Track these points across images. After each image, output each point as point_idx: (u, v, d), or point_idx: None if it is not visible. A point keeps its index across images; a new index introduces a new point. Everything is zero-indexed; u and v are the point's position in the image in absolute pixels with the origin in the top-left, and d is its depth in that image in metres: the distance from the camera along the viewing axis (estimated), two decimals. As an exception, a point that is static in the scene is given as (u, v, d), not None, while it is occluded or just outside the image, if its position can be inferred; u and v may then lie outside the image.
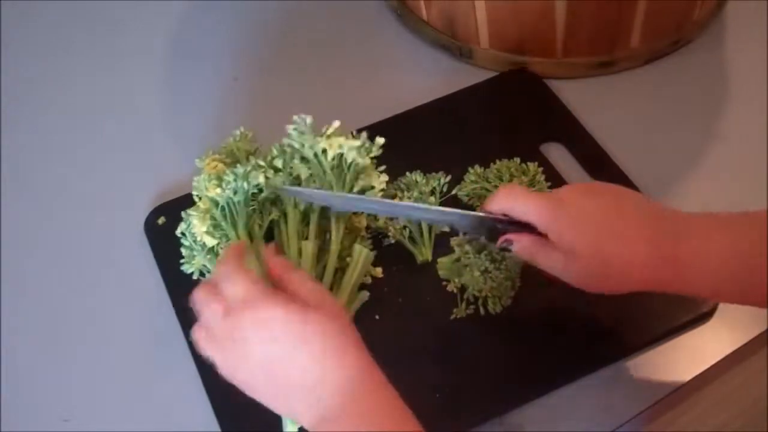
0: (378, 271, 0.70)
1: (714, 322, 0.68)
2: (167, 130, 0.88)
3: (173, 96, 0.91)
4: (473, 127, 0.82)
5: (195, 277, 0.70)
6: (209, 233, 0.67)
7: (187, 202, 0.77)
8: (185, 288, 0.71)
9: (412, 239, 0.72)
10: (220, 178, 0.67)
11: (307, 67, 0.92)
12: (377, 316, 0.68)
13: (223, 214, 0.66)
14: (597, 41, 0.84)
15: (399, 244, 0.72)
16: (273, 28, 0.97)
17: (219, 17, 0.98)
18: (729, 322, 0.68)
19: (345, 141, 0.67)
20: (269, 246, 0.64)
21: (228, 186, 0.66)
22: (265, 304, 0.52)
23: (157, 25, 0.98)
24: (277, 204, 0.68)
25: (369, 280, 0.70)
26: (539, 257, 0.59)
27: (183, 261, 0.70)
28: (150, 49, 0.96)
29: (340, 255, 0.67)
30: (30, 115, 0.90)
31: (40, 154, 0.87)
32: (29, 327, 0.73)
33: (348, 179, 0.67)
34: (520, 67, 0.87)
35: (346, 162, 0.67)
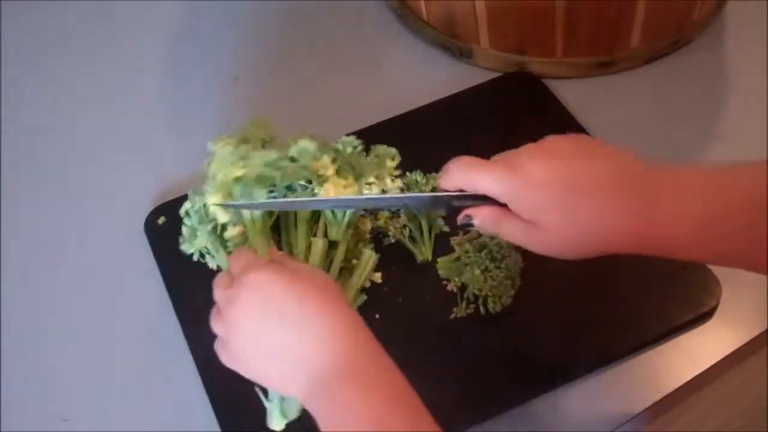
0: (377, 276, 0.71)
1: (714, 322, 0.68)
2: (167, 130, 0.88)
3: (173, 96, 0.91)
4: (473, 127, 0.82)
5: (195, 258, 0.68)
6: (222, 208, 0.65)
7: (187, 202, 0.78)
8: (185, 288, 0.72)
9: (412, 239, 0.72)
10: (245, 157, 0.65)
11: (307, 68, 0.92)
12: (377, 315, 0.68)
13: (244, 191, 0.65)
14: (597, 41, 0.84)
15: (399, 243, 0.72)
16: (273, 28, 0.97)
17: (219, 17, 0.98)
18: (729, 322, 0.68)
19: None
20: (272, 248, 0.64)
21: (254, 165, 0.65)
22: (261, 269, 0.55)
23: (157, 25, 0.98)
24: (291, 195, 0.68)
25: (368, 283, 0.70)
26: (502, 229, 0.55)
27: (183, 241, 0.69)
28: (150, 49, 0.96)
29: (345, 256, 0.67)
30: (30, 115, 0.91)
31: (40, 154, 0.87)
32: (29, 327, 0.73)
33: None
34: (520, 67, 0.87)
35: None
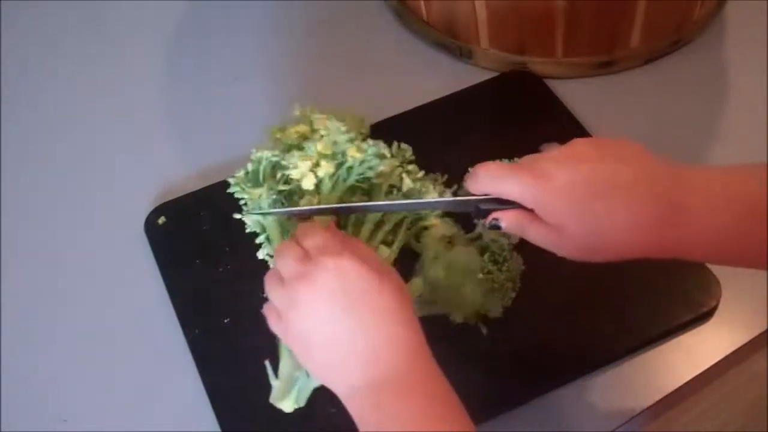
0: None
1: (714, 322, 0.68)
2: (167, 130, 0.88)
3: (173, 96, 0.91)
4: (473, 127, 0.82)
5: (246, 210, 0.66)
6: (312, 172, 0.64)
7: (187, 202, 0.78)
8: (185, 288, 0.72)
9: (417, 239, 0.71)
10: (357, 142, 0.65)
11: (307, 67, 0.92)
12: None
13: (338, 168, 0.64)
14: (597, 41, 0.84)
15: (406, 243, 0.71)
16: (273, 28, 0.97)
17: (219, 17, 0.98)
18: (729, 322, 0.68)
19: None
20: (330, 222, 0.61)
21: (359, 156, 0.64)
22: (347, 254, 0.53)
23: (158, 25, 0.98)
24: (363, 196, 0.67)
25: None
26: (527, 232, 0.56)
27: (236, 185, 0.67)
28: (150, 49, 0.96)
29: None
30: (30, 115, 0.90)
31: (40, 154, 0.87)
32: (29, 327, 0.73)
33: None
34: (520, 67, 0.87)
35: None
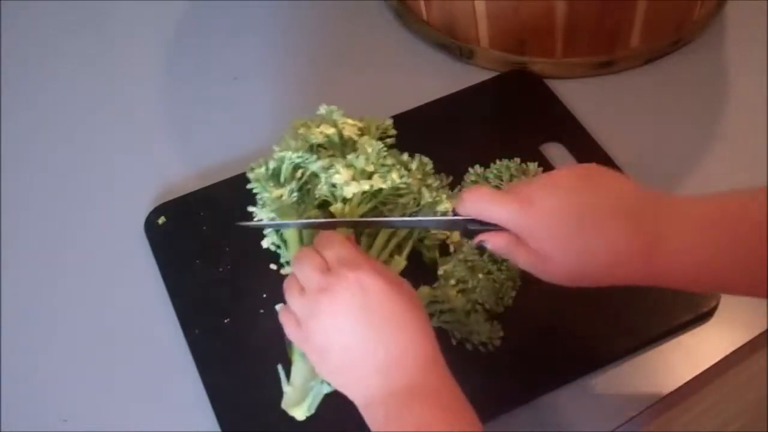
0: None
1: (714, 322, 0.68)
2: (167, 129, 0.88)
3: (173, 96, 0.91)
4: (473, 127, 0.82)
5: (256, 188, 0.69)
6: (354, 180, 0.66)
7: (187, 202, 0.78)
8: (185, 288, 0.72)
9: (419, 237, 0.71)
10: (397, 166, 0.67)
11: (307, 67, 0.92)
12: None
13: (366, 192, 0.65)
14: (597, 41, 0.84)
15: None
16: (273, 28, 0.97)
17: (219, 17, 0.98)
18: (729, 322, 0.68)
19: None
20: (349, 234, 0.62)
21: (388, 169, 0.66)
22: (367, 269, 0.53)
23: (158, 25, 0.98)
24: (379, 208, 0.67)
25: None
26: (515, 256, 0.58)
27: (255, 181, 0.69)
28: (150, 49, 0.96)
29: None
30: (30, 115, 0.90)
31: (39, 154, 0.87)
32: (29, 327, 0.73)
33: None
34: (520, 67, 0.87)
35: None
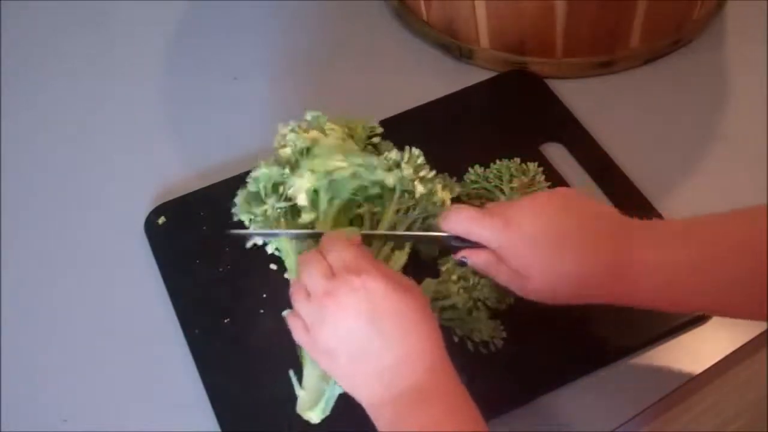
0: None
1: (714, 322, 0.68)
2: (167, 129, 0.88)
3: (173, 96, 0.91)
4: (473, 127, 0.82)
5: (247, 224, 0.67)
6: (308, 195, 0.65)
7: (187, 202, 0.78)
8: (185, 288, 0.72)
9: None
10: (348, 155, 0.65)
11: (307, 67, 0.92)
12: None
13: (330, 185, 0.64)
14: (597, 41, 0.84)
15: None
16: (273, 28, 0.97)
17: (219, 17, 0.98)
18: (729, 322, 0.67)
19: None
20: (355, 234, 0.62)
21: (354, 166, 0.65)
22: (372, 273, 0.54)
23: (158, 26, 0.98)
24: (369, 204, 0.67)
25: None
26: (494, 274, 0.61)
27: (240, 209, 0.68)
28: (150, 49, 0.95)
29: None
30: (30, 115, 0.90)
31: (40, 154, 0.87)
32: (29, 327, 0.73)
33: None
34: (520, 67, 0.87)
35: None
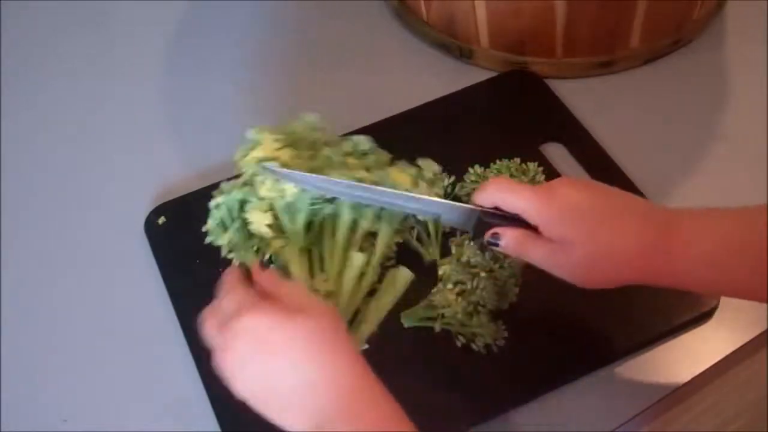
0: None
1: (714, 322, 0.68)
2: (167, 130, 0.88)
3: (173, 96, 0.91)
4: (473, 127, 0.82)
5: (226, 252, 0.66)
6: (270, 226, 0.64)
7: (187, 202, 0.77)
8: (185, 288, 0.72)
9: (419, 239, 0.71)
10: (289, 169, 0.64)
11: (307, 67, 0.92)
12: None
13: (288, 206, 0.64)
14: (597, 41, 0.84)
15: (406, 243, 0.71)
16: (273, 28, 0.97)
17: (219, 17, 0.98)
18: (729, 322, 0.68)
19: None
20: (254, 262, 0.61)
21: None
22: (251, 312, 0.53)
23: (158, 26, 0.98)
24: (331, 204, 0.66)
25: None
26: (528, 250, 0.59)
27: (211, 234, 0.67)
28: (150, 50, 0.96)
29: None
30: (30, 115, 0.90)
31: (40, 154, 0.87)
32: (29, 327, 0.73)
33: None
34: (520, 67, 0.87)
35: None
